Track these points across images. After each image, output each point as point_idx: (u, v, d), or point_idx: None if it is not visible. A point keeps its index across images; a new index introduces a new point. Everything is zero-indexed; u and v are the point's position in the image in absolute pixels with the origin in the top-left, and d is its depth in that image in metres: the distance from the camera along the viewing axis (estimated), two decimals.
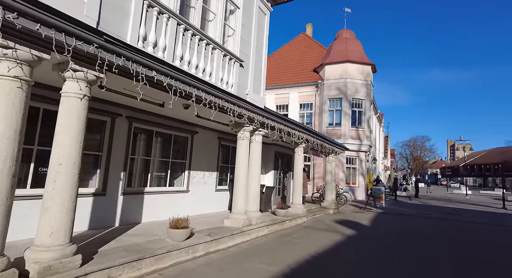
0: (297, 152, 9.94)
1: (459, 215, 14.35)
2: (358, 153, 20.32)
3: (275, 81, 23.66)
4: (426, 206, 18.83)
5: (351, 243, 7.04)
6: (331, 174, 13.16)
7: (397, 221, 11.25)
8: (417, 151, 79.25)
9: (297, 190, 9.79)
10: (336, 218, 11.05)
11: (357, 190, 20.15)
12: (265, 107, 7.48)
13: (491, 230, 10.37)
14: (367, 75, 20.74)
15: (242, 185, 6.72)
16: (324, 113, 20.73)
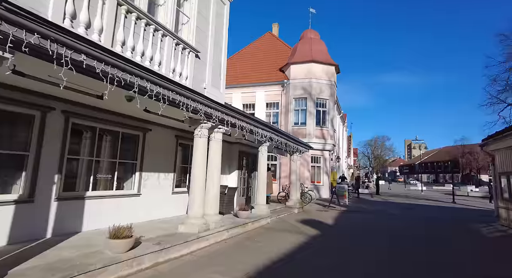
0: (261, 151, 9.59)
1: (416, 210, 15.01)
2: (322, 152, 20.58)
3: (242, 79, 23.26)
4: (387, 202, 19.58)
5: (314, 245, 6.81)
6: (296, 173, 13.03)
7: (359, 219, 11.38)
8: (378, 150, 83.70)
9: (260, 190, 9.44)
10: (301, 217, 10.89)
11: (321, 188, 20.39)
12: (226, 103, 7.01)
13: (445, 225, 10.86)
14: (331, 76, 21.11)
15: (199, 187, 6.19)
16: (290, 113, 20.72)
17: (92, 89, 4.44)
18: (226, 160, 10.82)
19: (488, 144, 11.17)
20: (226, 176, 10.91)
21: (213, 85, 6.80)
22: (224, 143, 10.59)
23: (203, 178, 6.22)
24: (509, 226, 9.86)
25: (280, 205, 12.88)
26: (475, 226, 10.58)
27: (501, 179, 10.38)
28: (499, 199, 10.68)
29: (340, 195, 16.76)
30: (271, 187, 12.93)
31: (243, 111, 7.36)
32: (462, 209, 16.80)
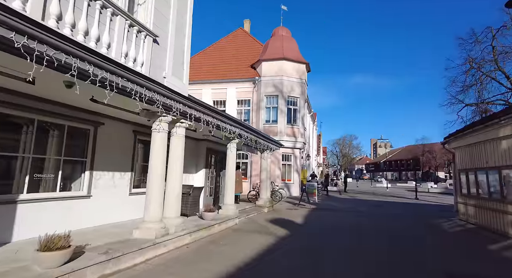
0: (229, 148, 9.10)
1: (383, 208, 15.38)
2: (293, 150, 20.53)
3: (212, 75, 22.54)
4: (355, 199, 19.98)
5: (282, 246, 6.48)
6: (267, 171, 12.71)
7: (328, 217, 11.31)
8: (346, 148, 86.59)
9: (228, 189, 8.96)
10: (270, 217, 10.57)
11: (292, 186, 20.36)
12: (190, 96, 6.42)
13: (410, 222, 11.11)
14: (302, 74, 21.10)
15: (157, 187, 5.57)
16: (262, 110, 20.41)
17: (17, 71, 3.68)
18: (192, 157, 10.20)
19: (450, 142, 11.61)
20: (193, 175, 10.30)
21: (175, 75, 6.19)
22: (190, 140, 10.00)
23: (161, 176, 5.61)
24: (467, 220, 10.27)
25: (250, 204, 12.48)
26: (437, 221, 10.93)
27: (460, 175, 10.81)
28: (458, 195, 11.13)
29: (310, 193, 16.76)
30: (240, 185, 12.49)
31: (209, 105, 6.81)
32: (424, 204, 17.56)
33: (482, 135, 8.89)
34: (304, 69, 21.27)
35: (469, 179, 10.06)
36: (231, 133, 8.10)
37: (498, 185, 8.15)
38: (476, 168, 9.46)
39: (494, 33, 16.38)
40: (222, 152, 11.47)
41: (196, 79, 22.48)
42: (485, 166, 8.84)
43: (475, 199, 9.62)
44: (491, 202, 8.54)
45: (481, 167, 9.11)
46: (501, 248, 6.85)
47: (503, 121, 7.52)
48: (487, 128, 8.37)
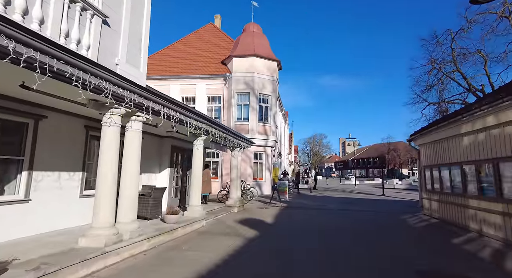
0: (195, 146, 8.53)
1: (352, 204, 15.59)
2: (265, 148, 20.27)
3: (181, 70, 21.63)
4: (325, 197, 20.17)
5: (250, 249, 6.08)
6: (237, 169, 12.27)
7: (299, 216, 11.13)
8: (316, 147, 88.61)
9: (194, 189, 8.39)
10: (240, 217, 10.15)
11: (263, 184, 20.09)
12: (148, 86, 5.80)
13: (379, 218, 11.23)
14: (274, 71, 20.90)
15: (109, 188, 4.91)
16: (233, 108, 19.91)
17: None
18: (155, 156, 9.49)
19: (415, 139, 11.91)
20: (156, 175, 9.58)
21: (130, 62, 5.54)
22: (153, 136, 9.28)
23: (113, 176, 4.96)
24: (431, 215, 10.57)
25: (220, 205, 11.97)
26: (403, 217, 11.17)
27: (425, 171, 11.12)
28: (423, 191, 11.46)
29: (281, 191, 16.60)
30: (209, 185, 11.94)
31: (171, 98, 6.22)
32: (391, 201, 18.11)
33: (446, 132, 9.13)
34: (275, 66, 21.08)
35: (433, 175, 10.34)
36: (197, 129, 7.55)
37: (460, 180, 8.39)
38: (439, 164, 9.73)
39: (453, 36, 17.38)
40: (189, 149, 10.84)
41: (164, 74, 21.47)
42: (448, 162, 9.08)
43: (438, 194, 9.90)
44: (453, 197, 8.79)
45: (445, 163, 9.36)
46: (463, 241, 6.99)
47: (465, 119, 7.71)
48: (450, 125, 8.58)
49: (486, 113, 6.84)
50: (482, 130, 7.26)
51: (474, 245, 6.59)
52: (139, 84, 5.15)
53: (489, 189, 7.07)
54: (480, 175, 7.43)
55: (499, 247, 6.31)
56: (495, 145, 6.81)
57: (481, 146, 7.35)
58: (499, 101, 6.14)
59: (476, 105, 7.04)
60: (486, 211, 7.17)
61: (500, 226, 6.65)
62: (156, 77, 21.23)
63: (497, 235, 6.74)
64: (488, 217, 7.12)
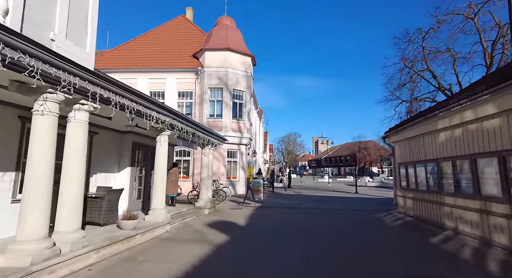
0: (159, 142, 7.65)
1: (326, 203, 15.35)
2: (239, 146, 19.58)
3: (149, 63, 20.31)
4: (299, 195, 19.88)
5: (218, 257, 5.38)
6: (208, 168, 11.46)
7: (273, 216, 10.57)
8: (291, 145, 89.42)
9: (157, 190, 7.51)
10: (210, 219, 9.39)
11: (238, 184, 19.39)
12: (98, 70, 4.87)
13: (354, 217, 10.96)
14: (248, 67, 20.24)
15: (40, 191, 3.97)
16: (205, 104, 18.99)
17: None
18: (113, 153, 8.48)
19: (389, 136, 11.81)
20: (115, 175, 8.57)
21: (72, 39, 4.61)
22: (111, 132, 8.26)
23: (47, 177, 4.03)
24: (405, 213, 10.47)
25: (189, 206, 11.11)
26: (378, 215, 10.99)
27: (400, 169, 11.02)
28: (398, 188, 11.37)
29: (256, 190, 16.01)
30: (176, 185, 11.04)
31: (125, 84, 5.32)
32: (364, 198, 18.18)
33: (421, 128, 8.99)
34: (249, 62, 20.43)
35: (408, 172, 10.23)
36: (159, 123, 6.69)
37: (436, 177, 8.24)
38: (415, 161, 9.60)
39: (424, 35, 17.81)
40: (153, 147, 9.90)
41: (130, 67, 20.06)
42: (424, 159, 8.95)
43: (413, 191, 9.78)
44: (429, 194, 8.66)
45: (420, 160, 9.23)
46: (441, 240, 6.77)
47: (442, 114, 7.53)
48: (426, 121, 8.42)
49: (464, 108, 6.65)
50: (459, 125, 7.09)
51: (452, 244, 6.37)
52: (83, 66, 4.25)
53: (466, 186, 6.92)
54: (456, 171, 7.27)
55: (477, 246, 6.12)
56: (472, 140, 6.64)
57: (458, 142, 7.18)
58: (479, 95, 5.93)
59: (454, 99, 6.85)
60: (463, 208, 7.01)
61: (477, 224, 6.49)
62: (121, 70, 19.78)
63: (474, 233, 6.59)
64: (464, 214, 6.97)
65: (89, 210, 6.26)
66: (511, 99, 5.40)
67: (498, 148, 5.82)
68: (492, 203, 6.03)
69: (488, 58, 15.52)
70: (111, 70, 19.44)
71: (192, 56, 20.60)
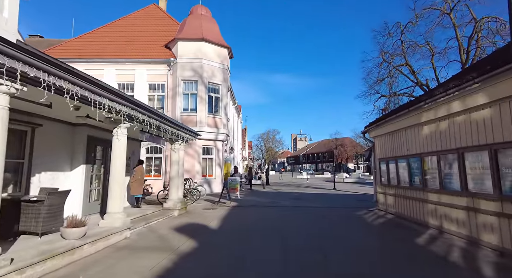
0: (116, 135, 6.63)
1: (305, 200, 14.84)
2: (215, 142, 18.63)
3: (118, 53, 18.82)
4: (278, 193, 19.31)
5: (180, 269, 4.54)
6: (178, 165, 10.49)
7: (250, 216, 9.84)
8: (270, 142, 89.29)
9: (114, 191, 6.51)
10: (179, 222, 8.48)
11: (214, 182, 18.47)
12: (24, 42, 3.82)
13: (334, 215, 10.46)
14: (224, 59, 19.30)
15: None
16: (178, 97, 17.85)
17: None
18: (64, 149, 7.36)
19: (369, 131, 11.41)
20: (66, 174, 7.43)
21: None
22: (60, 124, 7.08)
23: None
24: (386, 210, 10.11)
25: (158, 208, 10.11)
26: (358, 213, 10.57)
27: (380, 164, 10.64)
28: (378, 185, 11.01)
29: (232, 188, 15.22)
30: (141, 185, 9.99)
31: (62, 63, 4.29)
32: (343, 195, 17.91)
33: (404, 121, 8.57)
34: (226, 54, 19.48)
35: (389, 168, 9.84)
36: (113, 113, 5.70)
37: (419, 173, 7.84)
38: (396, 156, 9.20)
39: (403, 28, 17.72)
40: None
41: (96, 56, 18.48)
42: (406, 154, 8.54)
43: (395, 188, 9.40)
44: (412, 191, 8.26)
45: (402, 155, 8.83)
46: (427, 241, 6.34)
47: (427, 106, 7.09)
48: (410, 113, 7.98)
49: (451, 98, 6.20)
50: (445, 118, 6.66)
51: (439, 245, 5.93)
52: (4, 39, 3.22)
53: (452, 182, 6.51)
54: (442, 167, 6.87)
55: (465, 246, 5.71)
56: (460, 133, 6.21)
57: (444, 135, 6.76)
58: (470, 83, 5.46)
59: (441, 89, 6.39)
60: (448, 206, 6.61)
61: (464, 222, 6.09)
62: (85, 60, 18.18)
63: (460, 231, 6.19)
64: (450, 212, 6.57)
65: (23, 217, 5.17)
66: (504, 87, 4.96)
67: (488, 141, 5.40)
68: (481, 200, 5.62)
69: (464, 54, 15.66)
70: (74, 60, 17.82)
71: (164, 46, 19.33)
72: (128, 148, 10.71)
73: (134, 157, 10.97)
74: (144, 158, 18.04)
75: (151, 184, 17.30)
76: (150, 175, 18.26)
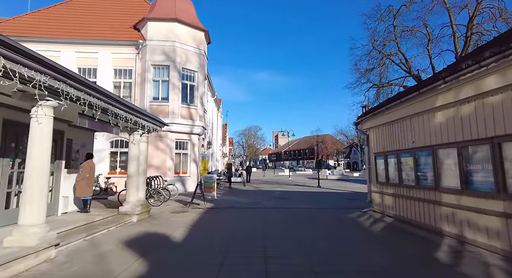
0: (35, 117, 4.74)
1: (290, 200, 13.37)
2: (190, 135, 16.74)
3: (78, 33, 16.42)
4: (259, 191, 17.74)
5: None
6: (138, 161, 8.62)
7: (225, 222, 8.17)
8: (251, 139, 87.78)
9: (29, 195, 4.63)
10: (134, 232, 6.68)
11: (188, 180, 16.59)
12: None
13: (323, 218, 8.99)
14: (200, 43, 17.38)
15: None
16: (147, 84, 15.78)
17: None
18: None
19: (364, 122, 10.05)
20: None
21: None
22: None
23: None
24: (383, 212, 8.80)
25: (111, 213, 8.22)
26: (351, 215, 9.18)
27: (377, 160, 9.30)
28: (373, 183, 9.68)
29: (208, 187, 13.49)
30: (91, 185, 8.04)
31: None
32: (330, 193, 16.62)
33: (408, 109, 7.21)
34: (202, 38, 17.57)
35: (388, 164, 8.50)
36: (29, 84, 3.83)
37: (431, 169, 6.49)
38: (398, 149, 7.85)
39: (395, 13, 16.49)
40: None
41: (52, 36, 15.99)
42: (412, 147, 7.19)
43: (395, 187, 8.06)
44: (419, 191, 6.92)
45: (406, 148, 7.48)
46: (452, 256, 4.96)
47: (444, 86, 5.72)
48: (419, 97, 6.61)
49: (486, 73, 4.82)
50: (471, 99, 5.29)
51: (472, 265, 4.55)
52: None
53: (479, 181, 5.17)
54: (465, 161, 5.52)
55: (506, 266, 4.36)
56: (493, 118, 4.86)
57: (467, 122, 5.40)
58: None
59: (470, 61, 4.99)
60: (473, 210, 5.27)
61: (499, 233, 4.74)
62: (39, 39, 15.70)
63: (493, 244, 4.84)
64: (476, 219, 5.23)
65: None
66: None
67: None
68: None
69: (458, 42, 14.71)
70: (26, 38, 15.33)
71: (132, 27, 17.14)
72: (77, 138, 8.72)
73: (84, 150, 8.97)
74: (108, 153, 15.91)
75: (116, 182, 15.23)
76: (116, 172, 16.15)
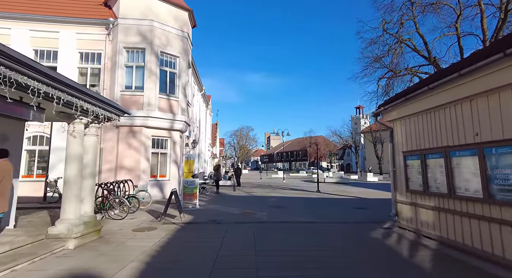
0: None
1: (288, 209, 11.02)
2: (170, 132, 14.24)
3: (34, 8, 13.77)
4: (251, 198, 15.31)
5: None
6: (79, 160, 6.14)
7: (205, 247, 5.72)
8: (243, 140, 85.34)
9: None
10: (63, 270, 4.23)
11: (167, 184, 14.02)
12: None
13: (336, 237, 6.65)
14: (184, 25, 14.95)
15: None
16: (119, 70, 13.23)
17: None
18: None
19: (386, 112, 7.81)
20: None
21: None
22: None
23: None
24: (417, 231, 6.57)
25: (35, 236, 5.71)
26: (373, 235, 6.88)
27: (406, 161, 7.06)
28: (399, 191, 7.45)
29: (188, 194, 11.10)
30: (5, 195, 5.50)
31: None
32: (333, 200, 14.34)
33: (461, 88, 5.01)
34: (186, 18, 15.14)
35: (427, 166, 6.26)
36: None
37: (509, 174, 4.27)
38: (446, 146, 5.62)
39: None
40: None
41: (1, 10, 13.28)
42: (473, 142, 4.96)
43: (441, 198, 5.82)
44: (489, 207, 4.67)
45: (459, 145, 5.26)
46: None
47: None
48: (484, 70, 4.39)
49: None
50: None
51: None
52: None
53: None
54: None
55: None
56: None
57: None
58: None
59: None
60: None
61: None
62: None
63: None
64: None
65: None
66: None
67: None
68: None
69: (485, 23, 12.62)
70: None
71: (103, 4, 14.58)
72: None
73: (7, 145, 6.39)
74: None
75: None
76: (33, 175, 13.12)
